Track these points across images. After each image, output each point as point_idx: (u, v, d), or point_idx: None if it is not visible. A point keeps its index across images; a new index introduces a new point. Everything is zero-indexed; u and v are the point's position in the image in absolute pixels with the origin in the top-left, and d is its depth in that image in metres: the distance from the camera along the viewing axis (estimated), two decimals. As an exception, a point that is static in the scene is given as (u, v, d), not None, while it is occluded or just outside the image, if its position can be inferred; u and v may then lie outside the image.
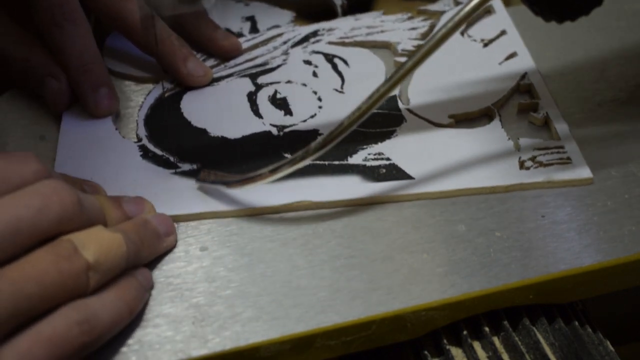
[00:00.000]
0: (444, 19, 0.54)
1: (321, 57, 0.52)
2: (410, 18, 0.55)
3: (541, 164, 0.44)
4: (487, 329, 0.40)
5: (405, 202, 0.43)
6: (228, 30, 0.54)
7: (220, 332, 0.37)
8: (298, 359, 0.38)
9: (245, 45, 0.53)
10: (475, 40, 0.53)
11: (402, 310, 0.38)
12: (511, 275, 0.39)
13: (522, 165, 0.44)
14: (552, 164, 0.44)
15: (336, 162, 0.44)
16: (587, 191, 0.43)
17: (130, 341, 0.36)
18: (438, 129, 0.47)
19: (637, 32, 0.54)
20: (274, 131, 0.47)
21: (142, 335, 0.37)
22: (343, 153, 0.45)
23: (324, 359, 0.38)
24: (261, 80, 0.50)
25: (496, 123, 0.47)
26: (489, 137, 0.46)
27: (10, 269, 0.32)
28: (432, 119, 0.47)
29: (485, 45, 0.53)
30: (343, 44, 0.53)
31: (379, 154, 0.45)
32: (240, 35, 0.54)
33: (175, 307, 0.38)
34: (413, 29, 0.54)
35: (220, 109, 0.48)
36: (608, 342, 0.41)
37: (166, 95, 0.49)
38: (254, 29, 0.54)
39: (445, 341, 0.40)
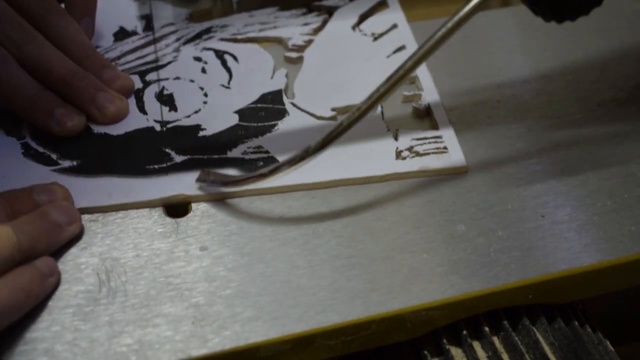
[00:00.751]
0: (337, 15, 0.55)
1: (212, 53, 0.52)
2: (304, 14, 0.56)
3: (417, 154, 0.45)
4: (487, 328, 0.40)
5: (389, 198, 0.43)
6: (122, 28, 0.54)
7: (220, 332, 0.37)
8: (298, 358, 0.38)
9: (137, 44, 0.53)
10: (365, 35, 0.54)
11: (402, 310, 0.38)
12: (511, 275, 0.39)
13: (398, 155, 0.45)
14: (428, 154, 0.45)
15: (215, 156, 0.45)
16: (587, 191, 0.43)
17: (130, 341, 0.36)
18: (320, 122, 0.47)
19: (637, 32, 0.54)
20: (157, 127, 0.47)
21: (142, 335, 0.37)
22: (223, 147, 0.45)
23: (323, 358, 0.38)
24: (150, 77, 0.51)
25: (377, 115, 0.48)
26: (369, 128, 0.47)
27: None
28: (314, 112, 0.48)
29: (376, 39, 0.53)
30: (235, 40, 0.53)
31: (259, 147, 0.46)
32: (134, 33, 0.54)
33: (175, 307, 0.38)
34: (306, 24, 0.55)
35: None
36: (608, 342, 0.40)
37: None
38: (148, 27, 0.54)
39: (445, 341, 0.40)
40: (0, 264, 0.36)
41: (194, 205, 0.43)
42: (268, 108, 0.48)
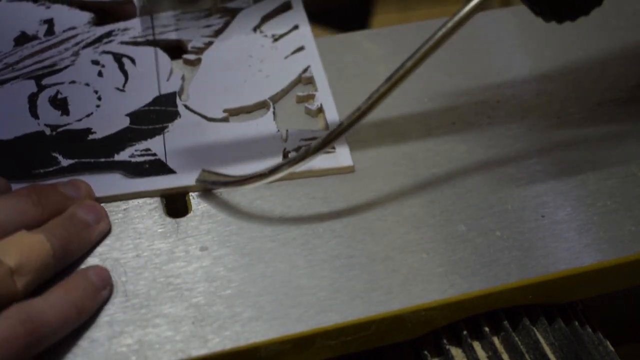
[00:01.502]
0: (240, 16, 0.55)
1: (110, 57, 0.52)
2: (207, 16, 0.55)
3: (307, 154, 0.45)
4: (487, 329, 0.40)
5: (408, 202, 0.43)
6: (23, 32, 0.53)
7: (220, 332, 0.37)
8: (298, 358, 0.38)
9: (37, 48, 0.52)
10: (266, 36, 0.54)
11: (402, 310, 0.38)
12: (511, 275, 0.39)
13: (285, 155, 0.45)
14: (317, 154, 0.44)
15: (102, 160, 0.45)
16: (587, 191, 0.43)
17: (130, 341, 0.36)
18: (211, 124, 0.47)
19: (637, 32, 0.54)
20: (47, 131, 0.47)
21: (142, 335, 0.37)
22: (110, 150, 0.45)
23: (324, 358, 0.38)
24: (46, 81, 0.50)
25: (269, 115, 0.48)
26: (260, 129, 0.47)
27: None
28: (206, 114, 0.48)
29: (276, 40, 0.53)
30: (135, 43, 0.53)
31: (147, 150, 0.45)
32: (35, 37, 0.53)
33: (175, 307, 0.38)
34: (208, 26, 0.54)
35: (0, 111, 0.48)
36: (608, 342, 0.41)
37: None
38: (50, 32, 0.54)
39: (445, 341, 0.40)
40: (37, 273, 0.36)
41: (194, 205, 0.43)
42: (160, 110, 0.48)
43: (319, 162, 0.44)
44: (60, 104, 0.48)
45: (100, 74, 0.51)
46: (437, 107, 0.49)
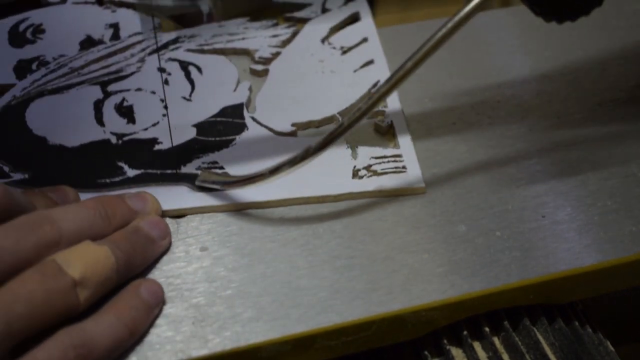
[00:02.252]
0: (308, 27, 0.54)
1: (176, 64, 0.51)
2: (274, 25, 0.54)
3: (375, 173, 0.44)
4: (487, 329, 0.40)
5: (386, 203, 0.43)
6: (89, 36, 0.53)
7: (221, 333, 0.37)
8: (298, 359, 0.38)
9: (103, 53, 0.51)
10: (334, 48, 0.53)
11: (402, 310, 0.38)
12: (511, 275, 0.39)
13: (355, 174, 0.44)
14: (386, 173, 0.44)
15: (168, 172, 0.44)
16: (587, 191, 0.43)
17: (130, 341, 0.36)
18: (279, 138, 0.46)
19: (637, 32, 0.54)
20: (113, 139, 0.46)
21: (142, 335, 0.37)
22: (177, 162, 0.44)
23: (324, 359, 0.38)
24: (111, 88, 0.49)
25: None
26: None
27: (0, 291, 0.32)
28: (274, 127, 0.47)
29: (344, 52, 0.52)
30: (202, 51, 0.52)
31: (214, 162, 0.44)
32: (100, 42, 0.52)
33: (175, 307, 0.38)
34: (275, 36, 0.53)
35: (65, 117, 0.47)
36: (608, 342, 0.41)
37: (13, 103, 0.48)
38: (116, 36, 0.53)
39: (445, 341, 0.40)
40: (99, 287, 0.35)
41: (194, 206, 0.43)
42: (227, 122, 0.47)
43: (391, 182, 0.43)
44: (126, 112, 0.47)
45: (166, 82, 0.50)
46: (437, 107, 0.49)
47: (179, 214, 0.42)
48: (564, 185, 0.44)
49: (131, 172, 0.44)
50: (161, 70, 0.50)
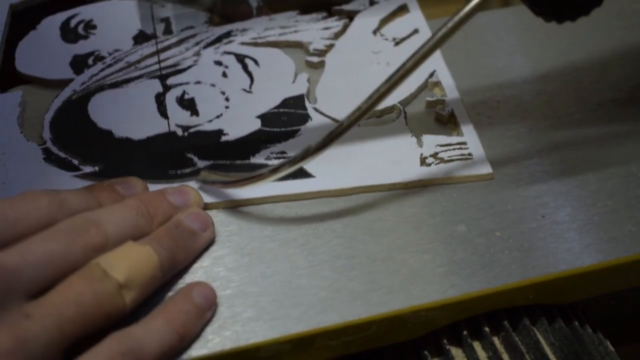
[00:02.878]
0: (358, 19, 0.55)
1: (232, 57, 0.52)
2: (324, 18, 0.55)
3: (442, 160, 0.44)
4: (487, 329, 0.40)
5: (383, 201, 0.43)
6: (142, 31, 0.54)
7: (220, 332, 0.37)
8: (298, 359, 0.38)
9: (158, 47, 0.52)
10: (387, 39, 0.53)
11: (402, 310, 0.38)
12: (511, 275, 0.39)
13: (423, 161, 0.44)
14: (453, 160, 0.45)
15: (238, 162, 0.44)
16: (588, 191, 0.43)
17: (130, 341, 0.36)
18: None
19: (637, 32, 0.54)
20: (179, 132, 0.46)
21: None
22: (246, 152, 0.45)
23: (324, 359, 0.38)
24: (170, 81, 0.50)
25: (401, 120, 0.47)
26: (393, 134, 0.46)
27: (50, 295, 0.33)
28: (337, 117, 0.47)
29: (397, 43, 0.53)
30: (255, 44, 0.53)
31: (282, 152, 0.45)
32: (153, 36, 0.53)
33: (176, 307, 0.38)
34: (326, 28, 0.54)
35: (127, 111, 0.48)
36: (608, 342, 0.41)
37: (74, 98, 0.48)
38: (168, 31, 0.54)
39: (445, 341, 0.40)
40: (145, 287, 0.35)
41: (194, 206, 0.43)
42: (290, 113, 0.48)
43: (459, 169, 0.44)
44: (189, 105, 0.48)
45: (224, 74, 0.50)
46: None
47: (249, 204, 0.42)
48: (564, 185, 0.44)
49: (201, 163, 0.44)
50: (218, 63, 0.51)
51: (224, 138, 0.46)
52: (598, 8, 0.39)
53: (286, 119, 0.48)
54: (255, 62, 0.52)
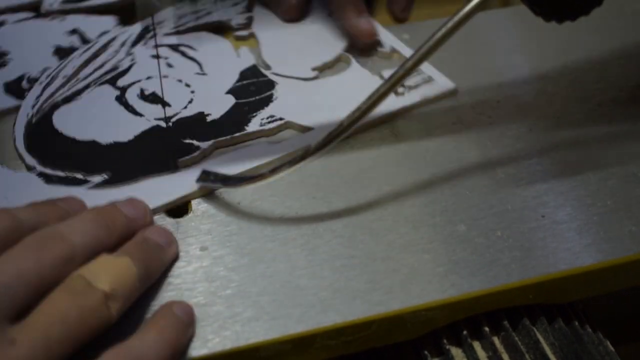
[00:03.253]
0: None
1: (166, 49, 0.52)
2: None
3: (411, 87, 0.49)
4: (487, 329, 0.40)
5: (406, 199, 0.43)
6: (59, 46, 0.53)
7: (220, 332, 0.37)
8: (298, 359, 0.38)
9: (85, 56, 0.51)
10: None
11: (402, 310, 0.38)
12: (511, 275, 0.39)
13: (396, 92, 0.48)
14: (419, 85, 0.49)
15: (238, 134, 0.46)
16: (588, 191, 0.43)
17: (130, 341, 0.36)
18: (308, 82, 0.50)
19: (637, 32, 0.54)
20: (162, 124, 0.46)
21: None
22: (239, 125, 0.46)
23: (324, 359, 0.38)
24: (121, 83, 0.49)
25: (355, 65, 0.51)
26: (357, 78, 0.50)
27: (33, 316, 0.32)
28: (298, 75, 0.50)
29: None
30: (178, 32, 0.53)
31: (271, 116, 0.47)
32: (73, 49, 0.52)
33: (175, 307, 0.38)
34: (236, 4, 0.56)
35: (97, 118, 0.47)
36: (608, 342, 0.41)
37: (34, 121, 0.47)
38: (85, 40, 0.53)
39: (445, 341, 0.40)
40: (128, 298, 0.35)
41: (194, 206, 0.43)
42: (255, 82, 0.50)
43: (428, 91, 0.48)
44: (154, 99, 0.48)
45: (169, 65, 0.51)
46: (438, 107, 0.49)
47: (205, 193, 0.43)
48: (564, 185, 0.44)
49: (204, 145, 0.45)
50: (157, 56, 0.52)
51: (209, 118, 0.47)
52: (598, 8, 0.39)
53: (254, 88, 0.49)
54: (191, 47, 0.52)
